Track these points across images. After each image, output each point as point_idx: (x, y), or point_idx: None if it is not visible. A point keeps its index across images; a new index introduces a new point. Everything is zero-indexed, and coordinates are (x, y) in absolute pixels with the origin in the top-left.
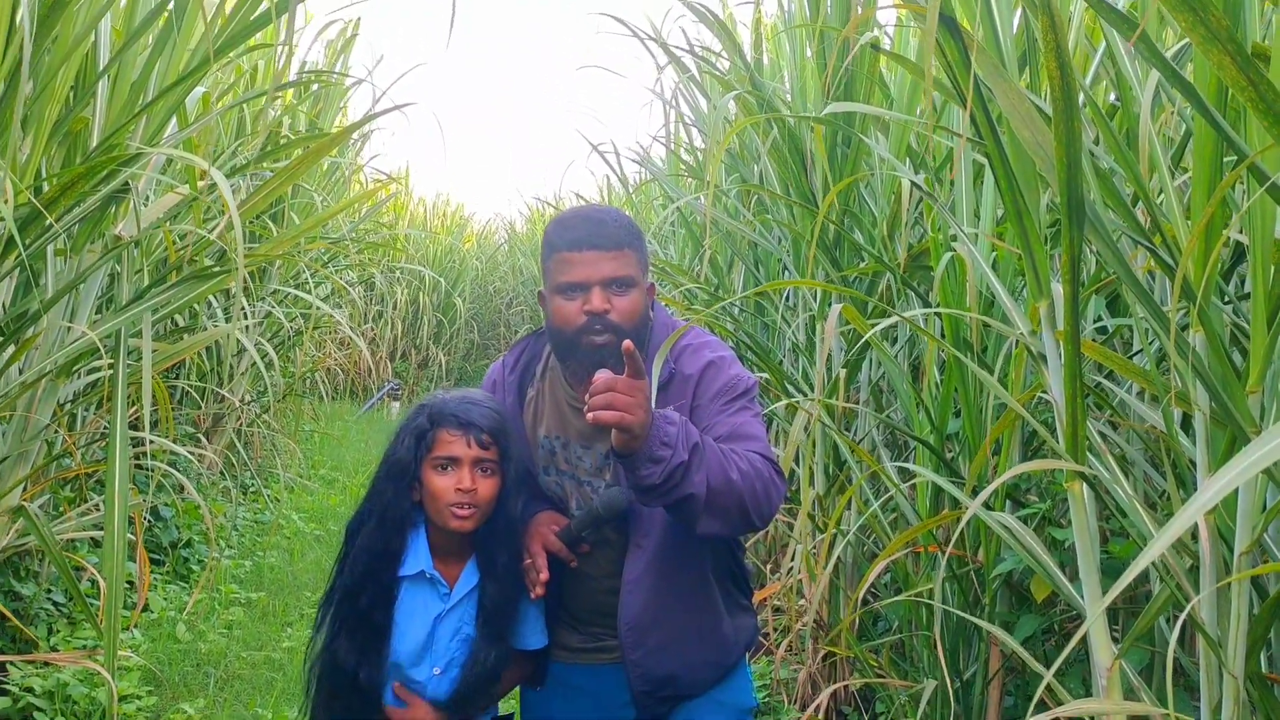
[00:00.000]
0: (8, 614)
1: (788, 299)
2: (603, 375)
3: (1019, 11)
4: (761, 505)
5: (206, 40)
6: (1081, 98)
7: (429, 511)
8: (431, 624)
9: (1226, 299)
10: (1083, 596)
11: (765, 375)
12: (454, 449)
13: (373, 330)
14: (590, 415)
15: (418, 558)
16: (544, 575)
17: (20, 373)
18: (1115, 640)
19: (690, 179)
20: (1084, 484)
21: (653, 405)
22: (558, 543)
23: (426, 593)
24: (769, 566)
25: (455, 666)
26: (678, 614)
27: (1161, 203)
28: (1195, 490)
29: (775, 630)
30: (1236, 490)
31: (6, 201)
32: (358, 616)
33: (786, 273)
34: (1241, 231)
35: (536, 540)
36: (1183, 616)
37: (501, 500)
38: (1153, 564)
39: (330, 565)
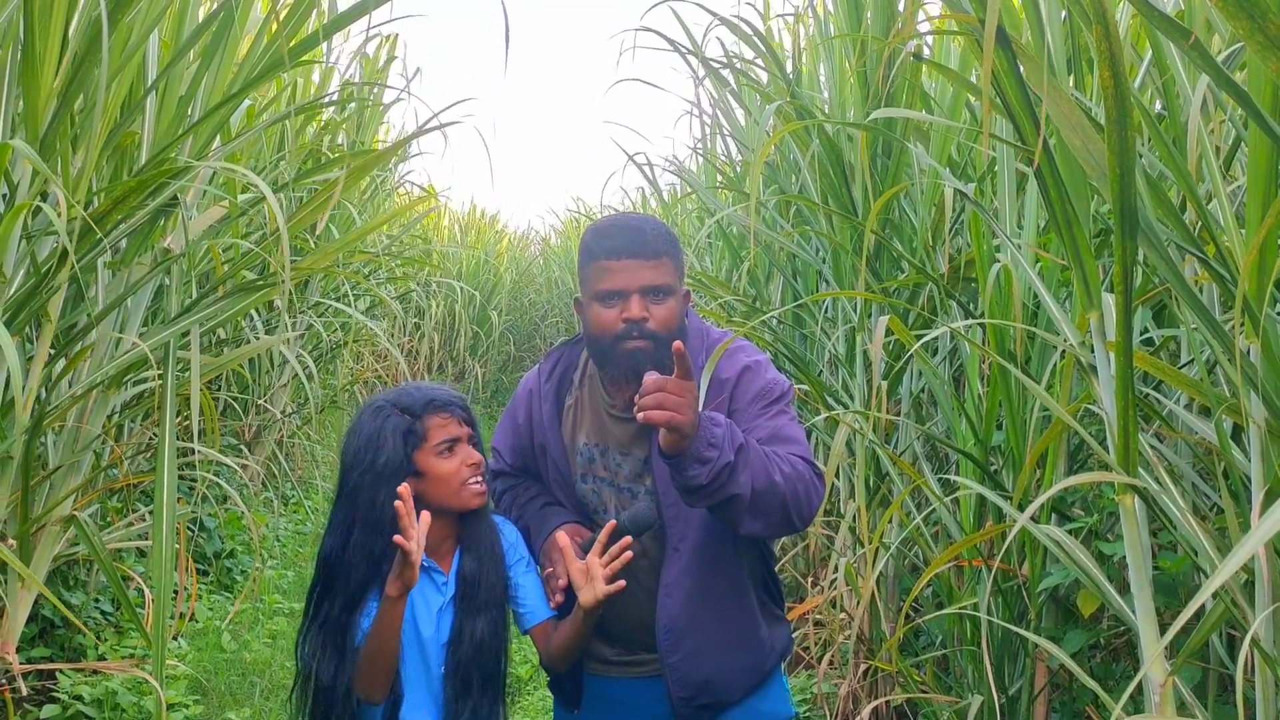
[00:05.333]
0: (71, 618)
1: (826, 310)
2: (652, 376)
3: (1062, 13)
4: (802, 507)
5: (253, 57)
6: None
7: (437, 500)
8: (436, 618)
9: (1279, 307)
10: (1134, 611)
11: (805, 387)
12: (451, 430)
13: (409, 343)
14: (641, 415)
15: None
16: (563, 582)
17: (70, 384)
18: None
19: (727, 191)
20: (1136, 497)
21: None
22: (579, 553)
23: (425, 587)
24: (809, 580)
25: None
26: (715, 616)
27: (1213, 207)
28: (1249, 504)
29: (816, 644)
30: None
31: (61, 216)
32: (350, 627)
33: (825, 284)
34: None
35: (557, 549)
36: (1247, 640)
37: None
38: (1206, 579)
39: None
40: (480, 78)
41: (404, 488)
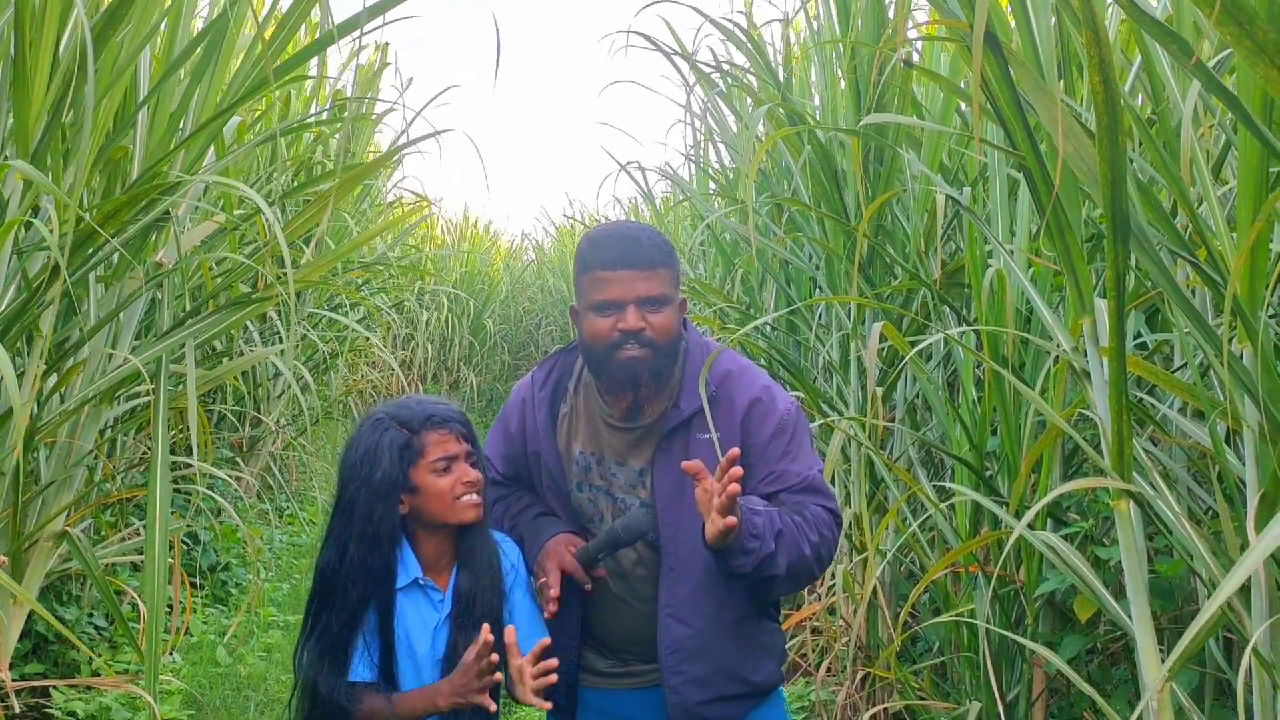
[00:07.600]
0: (65, 633)
1: (820, 317)
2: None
3: (1053, 18)
4: (825, 563)
5: (244, 71)
6: None
7: (431, 516)
8: (431, 635)
9: (1271, 312)
10: (1130, 616)
11: (800, 394)
12: (448, 448)
13: (404, 354)
14: (720, 518)
15: (408, 569)
16: (554, 592)
17: (63, 399)
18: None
19: (720, 197)
20: (1131, 502)
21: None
22: (574, 563)
23: (420, 603)
24: (806, 588)
25: None
26: (724, 647)
27: (1204, 211)
28: (1244, 508)
29: (814, 651)
30: None
31: (53, 230)
32: (350, 643)
33: (818, 290)
34: None
35: (552, 559)
36: (1248, 651)
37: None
38: (1202, 582)
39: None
40: (470, 75)
41: (486, 637)
